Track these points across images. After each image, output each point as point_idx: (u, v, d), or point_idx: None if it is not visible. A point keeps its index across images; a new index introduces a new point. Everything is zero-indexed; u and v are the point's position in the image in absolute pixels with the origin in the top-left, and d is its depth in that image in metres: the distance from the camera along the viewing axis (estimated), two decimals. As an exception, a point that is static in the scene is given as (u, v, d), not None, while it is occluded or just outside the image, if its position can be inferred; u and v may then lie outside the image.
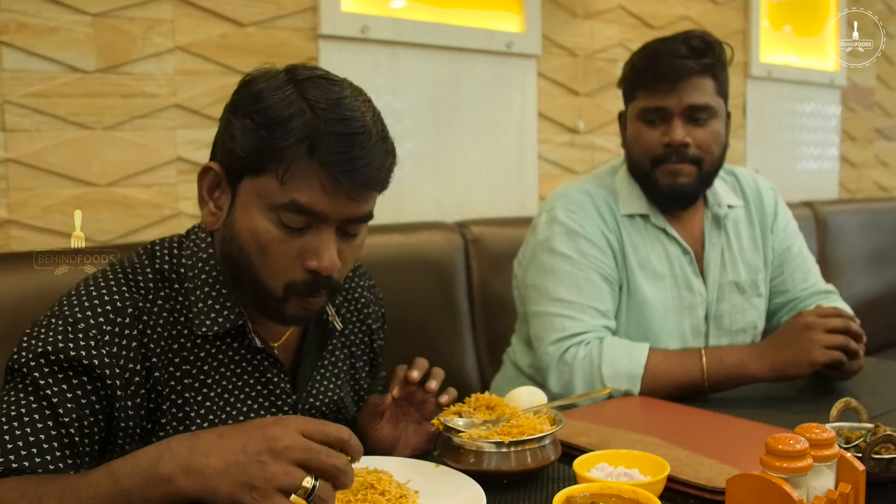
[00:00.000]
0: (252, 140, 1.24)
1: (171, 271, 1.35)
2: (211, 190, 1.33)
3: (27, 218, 2.19)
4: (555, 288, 1.99)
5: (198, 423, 1.32)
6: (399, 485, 1.27)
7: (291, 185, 1.22)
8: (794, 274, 2.24)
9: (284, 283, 1.28)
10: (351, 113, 1.24)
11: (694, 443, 1.44)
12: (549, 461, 1.34)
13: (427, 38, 2.93)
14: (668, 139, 1.96)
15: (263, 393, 1.40)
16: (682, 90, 1.95)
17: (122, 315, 1.26)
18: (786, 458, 1.10)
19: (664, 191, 2.02)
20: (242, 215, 1.28)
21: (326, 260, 1.26)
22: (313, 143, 1.21)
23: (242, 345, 1.37)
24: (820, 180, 4.69)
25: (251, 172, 1.26)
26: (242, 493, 0.98)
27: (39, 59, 2.18)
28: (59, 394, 1.19)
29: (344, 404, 1.54)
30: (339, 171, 1.21)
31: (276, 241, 1.26)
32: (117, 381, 1.23)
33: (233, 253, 1.30)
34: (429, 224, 2.76)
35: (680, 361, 1.85)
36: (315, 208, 1.23)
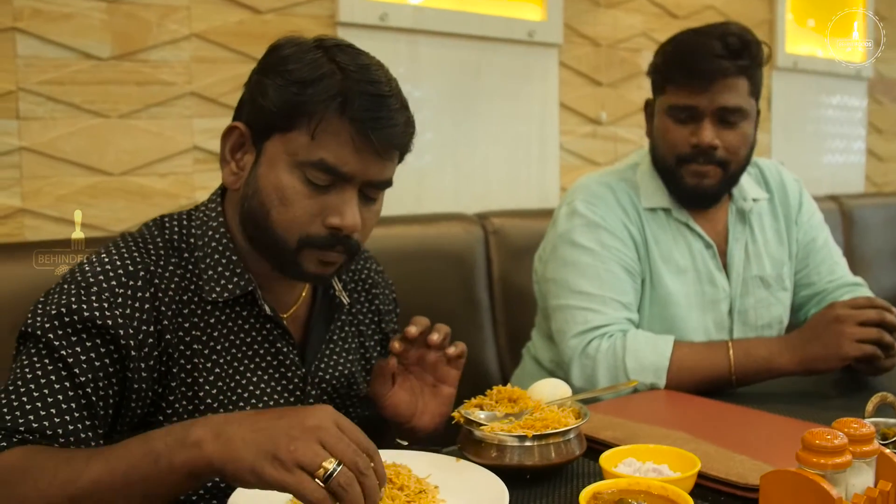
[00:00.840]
0: (284, 96, 1.28)
1: (180, 241, 1.37)
2: (234, 150, 1.36)
3: (41, 207, 2.17)
4: (576, 281, 1.95)
5: (206, 389, 1.32)
6: (418, 479, 1.23)
7: (321, 141, 1.26)
8: (819, 266, 2.19)
9: (299, 235, 1.30)
10: (378, 77, 1.29)
11: (724, 438, 1.40)
12: (573, 456, 1.30)
13: (447, 26, 2.90)
14: (696, 140, 1.91)
15: (273, 364, 1.40)
16: (715, 91, 1.89)
17: (134, 278, 1.28)
18: (824, 453, 1.06)
19: (688, 190, 1.98)
20: (268, 171, 1.30)
21: (349, 218, 1.29)
22: (345, 100, 1.25)
23: (252, 313, 1.38)
24: (846, 173, 4.64)
25: (281, 129, 1.29)
26: (264, 463, 0.98)
27: (54, 45, 2.16)
28: (75, 355, 1.20)
29: (355, 380, 1.53)
30: (370, 127, 1.26)
31: (300, 196, 1.29)
32: (131, 341, 1.24)
33: (252, 208, 1.32)
34: (448, 215, 2.73)
35: (707, 354, 1.81)
36: (342, 168, 1.27)
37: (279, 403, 1.39)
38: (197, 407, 1.31)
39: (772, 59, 3.93)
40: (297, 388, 1.42)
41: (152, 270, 1.30)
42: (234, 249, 1.37)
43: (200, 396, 1.31)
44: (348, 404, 1.53)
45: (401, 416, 1.45)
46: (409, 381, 1.47)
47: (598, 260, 1.95)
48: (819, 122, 4.46)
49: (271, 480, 0.97)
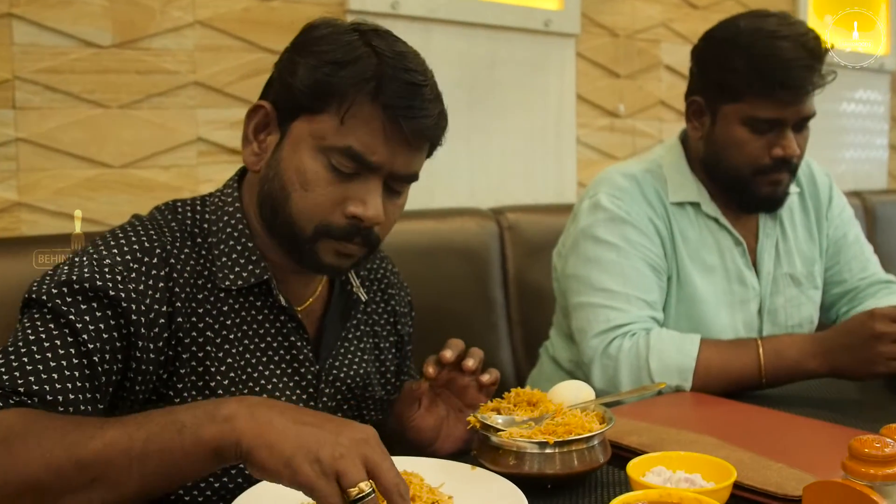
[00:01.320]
0: (315, 76, 1.24)
1: (193, 226, 1.34)
2: (258, 130, 1.32)
3: (38, 201, 2.11)
4: (598, 277, 1.88)
5: (217, 379, 1.28)
6: (431, 489, 1.17)
7: (350, 126, 1.23)
8: (850, 263, 2.13)
9: (317, 223, 1.26)
10: (414, 65, 1.26)
11: (758, 444, 1.33)
12: (598, 464, 1.23)
13: (461, 14, 2.84)
14: (781, 153, 1.85)
15: (286, 358, 1.36)
16: (802, 102, 1.84)
17: (150, 255, 1.25)
18: (873, 463, 0.99)
19: (762, 199, 1.94)
20: (291, 154, 1.27)
21: (372, 209, 1.25)
22: (379, 84, 1.22)
23: (266, 303, 1.34)
24: (868, 169, 4.58)
25: (309, 110, 1.26)
26: (304, 460, 0.94)
27: (52, 32, 2.09)
28: (83, 321, 1.16)
29: (370, 381, 1.49)
30: (402, 115, 1.22)
31: (323, 182, 1.25)
32: (142, 318, 1.21)
33: (272, 191, 1.29)
34: (462, 210, 2.69)
35: (735, 354, 1.73)
36: (370, 157, 1.24)
37: (292, 399, 1.34)
38: (207, 397, 1.27)
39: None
40: (311, 385, 1.38)
41: (168, 250, 1.27)
42: (249, 236, 1.34)
43: (211, 386, 1.27)
44: (363, 407, 1.48)
45: (424, 440, 1.41)
46: (437, 404, 1.43)
47: (622, 256, 1.88)
48: (841, 117, 4.40)
49: (304, 481, 0.93)
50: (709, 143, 1.95)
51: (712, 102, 1.92)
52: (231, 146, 2.34)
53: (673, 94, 3.41)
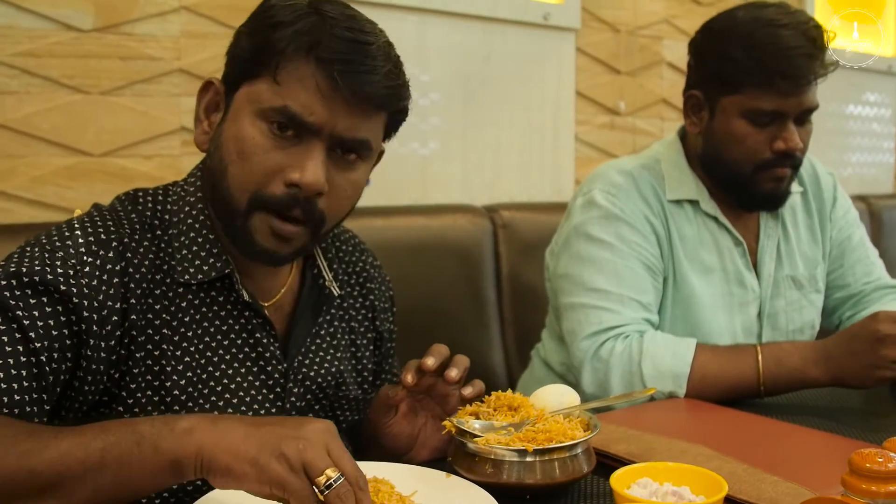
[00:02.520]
0: (252, 41, 1.22)
1: (153, 217, 1.28)
2: (208, 109, 1.29)
3: (14, 189, 2.07)
4: (591, 277, 1.83)
5: (174, 379, 1.23)
6: (401, 497, 1.10)
7: (286, 86, 1.18)
8: (854, 266, 2.08)
9: (252, 192, 1.20)
10: (361, 27, 1.21)
11: (752, 455, 1.28)
12: (580, 474, 1.17)
13: (457, 6, 2.81)
14: (783, 146, 1.80)
15: (251, 356, 1.30)
16: (804, 94, 1.78)
17: (105, 248, 1.20)
18: (875, 479, 0.94)
19: (765, 196, 1.89)
20: (231, 124, 1.23)
21: (310, 173, 1.18)
22: (314, 41, 1.17)
23: (229, 299, 1.29)
24: (874, 173, 4.57)
25: (248, 77, 1.22)
26: (269, 457, 0.93)
27: (30, 14, 2.05)
28: (31, 318, 1.11)
29: (344, 381, 1.42)
30: (338, 70, 1.16)
31: (260, 150, 1.19)
32: (94, 315, 1.15)
33: (213, 166, 1.25)
34: (455, 207, 2.66)
35: (733, 361, 1.68)
36: (307, 117, 1.18)
37: (256, 399, 1.29)
38: (163, 398, 1.22)
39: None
40: (278, 385, 1.32)
41: (125, 243, 1.22)
42: (210, 228, 1.28)
43: (167, 386, 1.22)
44: (336, 407, 1.42)
45: (399, 448, 1.36)
46: (415, 410, 1.37)
47: (616, 255, 1.83)
48: (847, 120, 4.38)
49: (272, 475, 0.92)
50: (708, 138, 1.90)
51: (711, 96, 1.87)
52: (216, 136, 2.30)
53: (675, 93, 3.37)
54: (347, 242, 1.53)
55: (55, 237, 1.19)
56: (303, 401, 1.35)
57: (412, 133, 2.75)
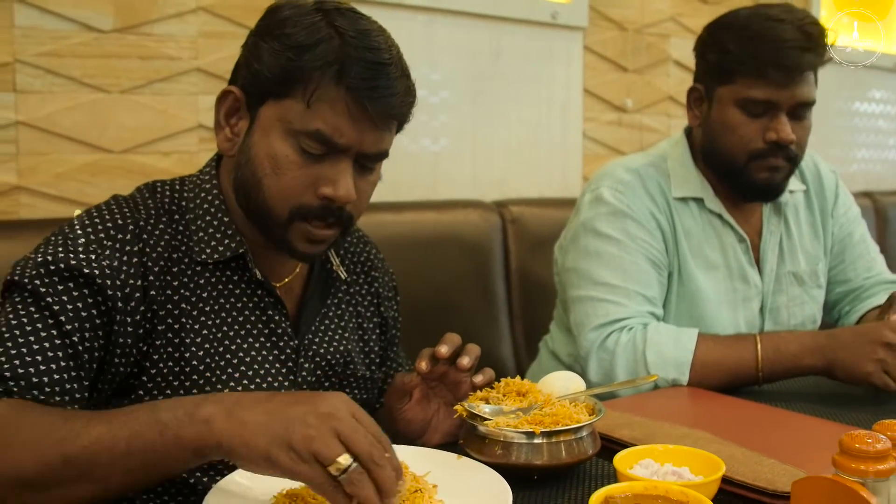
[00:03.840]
0: (279, 61, 1.26)
1: (171, 204, 1.36)
2: (228, 115, 1.35)
3: (38, 184, 2.12)
4: (598, 271, 1.87)
5: (192, 350, 1.30)
6: (415, 477, 1.16)
7: (316, 110, 1.25)
8: (856, 262, 2.12)
9: (291, 206, 1.29)
10: (377, 44, 1.27)
11: (751, 439, 1.32)
12: (586, 455, 1.22)
13: (466, 5, 2.85)
14: (775, 136, 1.83)
15: (264, 332, 1.37)
16: (796, 85, 1.82)
17: (122, 231, 1.28)
18: (864, 459, 0.98)
19: (757, 186, 1.91)
20: (261, 139, 1.29)
21: (342, 189, 1.27)
22: (342, 67, 1.23)
23: (243, 278, 1.37)
24: (880, 169, 4.59)
25: (275, 95, 1.27)
26: (279, 451, 0.97)
27: (53, 16, 2.10)
28: (61, 303, 1.19)
29: (352, 359, 1.50)
30: (366, 96, 1.24)
31: (294, 166, 1.27)
32: (118, 292, 1.23)
33: (245, 177, 1.31)
34: (465, 202, 2.69)
35: (733, 349, 1.72)
36: (338, 139, 1.26)
37: (270, 373, 1.35)
38: (183, 369, 1.28)
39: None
40: (290, 360, 1.39)
41: (142, 226, 1.30)
42: (226, 212, 1.36)
43: (186, 357, 1.29)
44: (345, 385, 1.49)
45: (412, 433, 1.42)
46: (426, 396, 1.43)
47: (623, 250, 1.87)
48: (853, 116, 4.40)
49: (286, 469, 0.97)
50: (705, 128, 1.94)
51: (709, 87, 1.93)
52: (232, 134, 2.35)
53: (681, 90, 3.36)
54: (353, 234, 1.61)
55: (76, 226, 1.27)
56: (313, 376, 1.42)
57: (423, 130, 2.79)
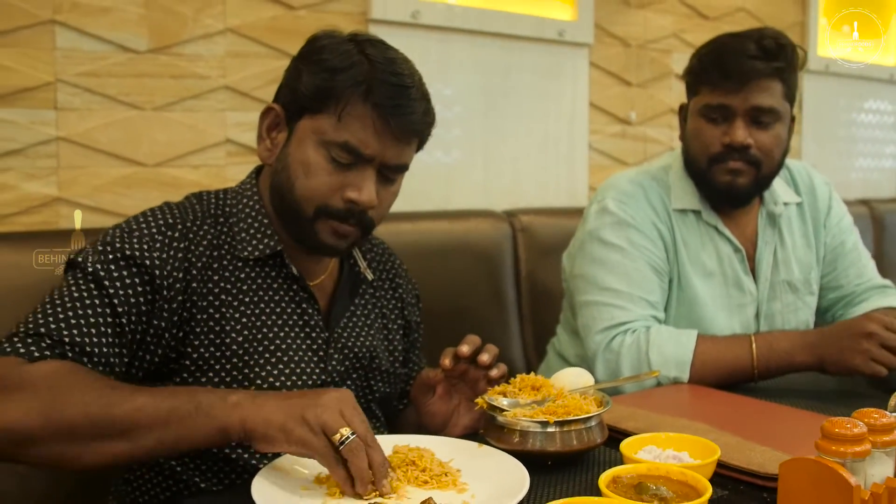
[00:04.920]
0: (315, 81, 1.41)
1: (215, 209, 1.51)
2: (270, 129, 1.50)
3: (77, 196, 2.21)
4: (604, 277, 1.96)
5: (232, 336, 1.43)
6: (441, 463, 1.26)
7: (346, 123, 1.40)
8: (847, 269, 2.19)
9: (317, 205, 1.43)
10: (402, 70, 1.43)
11: (745, 430, 1.41)
12: (595, 443, 1.32)
13: (478, 24, 2.92)
14: (728, 139, 1.92)
15: (299, 323, 1.50)
16: (749, 91, 1.90)
17: (172, 230, 1.43)
18: (843, 442, 1.07)
19: (720, 189, 1.98)
20: (297, 149, 1.44)
21: (366, 194, 1.42)
22: (369, 87, 1.39)
23: (280, 274, 1.50)
24: (877, 178, 4.62)
25: (311, 111, 1.42)
26: (294, 424, 1.14)
27: (91, 38, 2.20)
28: (115, 286, 1.34)
29: (377, 354, 1.62)
30: (390, 113, 1.39)
31: (324, 172, 1.42)
32: (164, 281, 1.38)
33: (281, 181, 1.46)
34: (477, 212, 2.75)
35: (729, 347, 1.82)
36: (364, 150, 1.40)
37: (304, 360, 1.47)
38: (224, 353, 1.42)
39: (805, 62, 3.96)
40: (321, 350, 1.51)
41: (188, 226, 1.44)
42: (265, 215, 1.51)
43: (227, 343, 1.42)
44: (370, 377, 1.60)
45: (435, 425, 1.53)
46: (448, 393, 1.53)
47: (627, 258, 1.96)
48: (851, 126, 4.44)
49: (297, 438, 1.14)
50: (683, 140, 2.06)
51: (686, 103, 2.05)
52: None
53: (683, 103, 3.47)
54: (379, 246, 1.74)
55: (132, 223, 1.43)
56: (342, 366, 1.54)
57: (437, 143, 2.82)
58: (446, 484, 1.21)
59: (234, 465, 1.43)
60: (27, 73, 2.12)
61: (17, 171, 2.14)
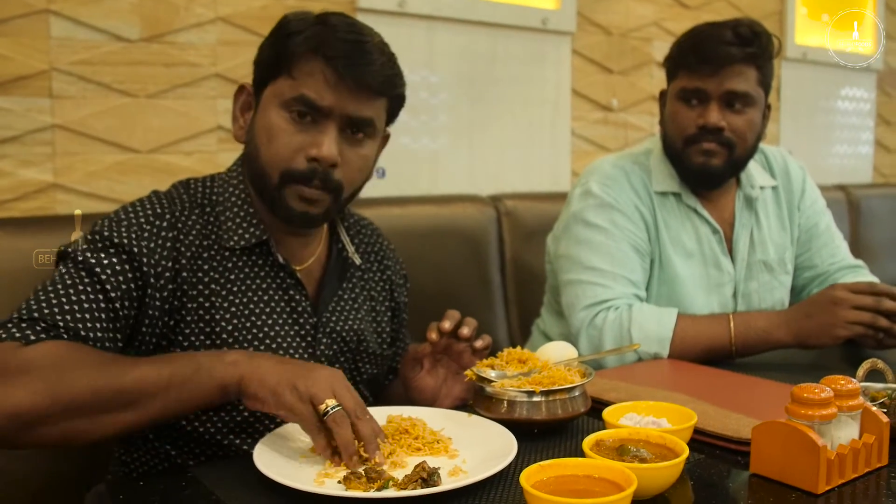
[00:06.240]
0: (271, 49, 1.47)
1: (202, 198, 1.52)
2: (243, 109, 1.54)
3: (72, 182, 2.25)
4: (588, 257, 2.01)
5: (222, 325, 1.45)
6: (433, 431, 1.31)
7: (300, 80, 1.42)
8: (821, 250, 2.25)
9: (281, 170, 1.44)
10: (359, 30, 1.45)
11: (721, 399, 1.47)
12: (578, 412, 1.37)
13: (463, 13, 2.96)
14: (703, 121, 1.98)
15: (286, 310, 1.52)
16: (724, 76, 1.96)
17: (160, 220, 1.44)
18: (811, 405, 1.13)
19: (695, 170, 2.03)
20: (261, 117, 1.47)
21: (325, 148, 1.42)
22: (321, 42, 1.41)
23: (267, 262, 1.51)
24: (854, 164, 4.68)
25: (270, 78, 1.46)
26: (285, 389, 1.19)
27: (86, 27, 2.24)
28: (106, 273, 1.35)
29: (364, 337, 1.64)
30: (342, 64, 1.40)
31: (284, 133, 1.43)
32: (152, 270, 1.39)
33: (250, 153, 1.49)
34: (462, 196, 2.79)
35: (708, 325, 1.88)
36: (320, 102, 1.41)
37: (292, 346, 1.51)
38: (214, 342, 1.45)
39: (781, 50, 4.00)
40: (309, 335, 1.54)
41: (177, 216, 1.46)
42: (251, 204, 1.51)
43: (217, 332, 1.44)
44: (358, 360, 1.64)
45: (425, 399, 1.55)
46: (436, 368, 1.57)
47: (610, 238, 2.01)
48: (828, 113, 4.49)
49: (285, 403, 1.19)
50: (661, 123, 2.12)
51: (666, 89, 2.11)
52: (248, 134, 2.48)
53: (664, 90, 3.52)
54: (367, 227, 1.76)
55: (120, 213, 1.44)
56: (330, 350, 1.57)
57: (423, 129, 2.89)
58: (438, 450, 1.26)
59: (227, 451, 1.46)
60: (23, 61, 2.16)
61: (14, 158, 2.18)
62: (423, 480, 1.11)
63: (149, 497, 1.15)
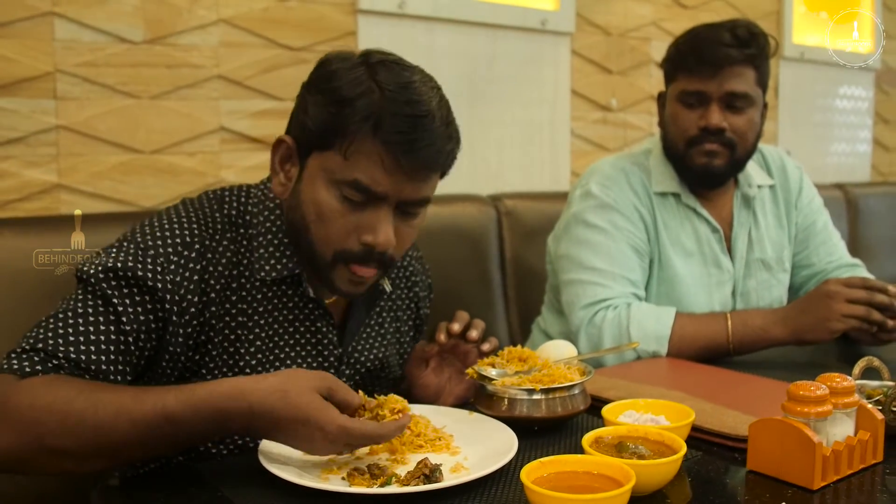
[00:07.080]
0: (322, 115, 1.31)
1: (237, 216, 1.43)
2: (282, 162, 1.41)
3: (76, 183, 2.27)
4: (588, 257, 2.03)
5: (246, 359, 1.40)
6: (435, 429, 1.33)
7: (354, 161, 1.29)
8: (818, 248, 2.28)
9: (334, 251, 1.35)
10: (417, 97, 1.29)
11: (719, 397, 1.49)
12: (578, 410, 1.39)
13: (463, 13, 2.96)
14: (704, 123, 1.99)
15: (312, 342, 1.47)
16: (723, 77, 1.98)
17: (189, 249, 1.35)
18: (807, 403, 1.14)
19: (697, 171, 2.05)
20: (308, 187, 1.35)
21: (382, 236, 1.32)
22: (378, 121, 1.26)
23: (297, 293, 1.44)
24: (852, 163, 4.68)
25: (319, 147, 1.33)
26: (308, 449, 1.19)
27: (89, 29, 2.25)
28: (123, 304, 1.28)
29: (388, 364, 1.62)
30: (401, 150, 1.27)
31: (336, 214, 1.32)
32: (175, 307, 1.32)
33: (295, 220, 1.39)
34: (463, 196, 2.79)
35: (706, 324, 1.89)
36: (375, 188, 1.30)
37: None
38: (236, 374, 1.39)
39: (779, 50, 4.02)
40: (332, 367, 1.50)
41: (207, 244, 1.37)
42: (286, 233, 1.43)
43: (241, 365, 1.40)
44: (376, 384, 1.61)
45: (428, 396, 1.56)
46: (441, 366, 1.58)
47: (610, 239, 2.03)
48: (826, 112, 4.50)
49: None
50: (661, 125, 2.13)
51: (664, 91, 2.12)
52: (251, 135, 2.50)
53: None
54: None
55: (147, 235, 1.35)
56: (352, 380, 1.55)
57: None
58: (440, 447, 1.28)
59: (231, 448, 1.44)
60: (27, 63, 2.17)
61: (19, 158, 2.19)
62: (426, 477, 1.13)
63: (155, 493, 1.17)
